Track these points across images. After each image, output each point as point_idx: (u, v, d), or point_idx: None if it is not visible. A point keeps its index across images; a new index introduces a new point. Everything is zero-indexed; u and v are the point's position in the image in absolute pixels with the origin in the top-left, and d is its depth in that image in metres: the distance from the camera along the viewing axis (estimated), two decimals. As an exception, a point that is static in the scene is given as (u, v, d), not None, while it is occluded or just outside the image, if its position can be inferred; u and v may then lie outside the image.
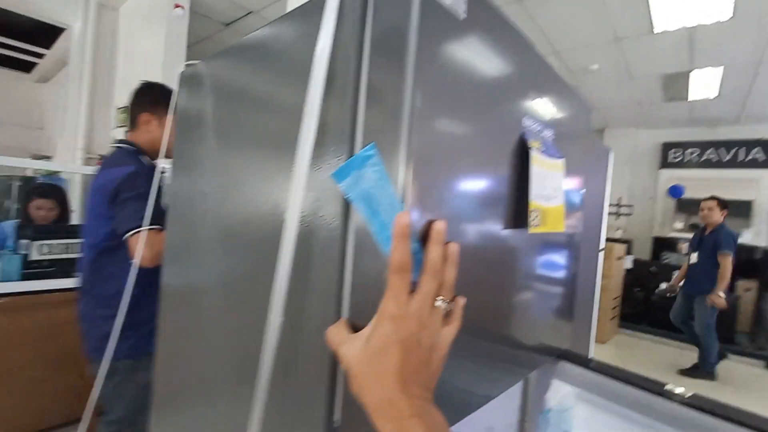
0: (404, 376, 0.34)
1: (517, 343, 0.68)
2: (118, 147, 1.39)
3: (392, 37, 0.43)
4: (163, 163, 1.18)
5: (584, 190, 0.89)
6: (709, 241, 3.56)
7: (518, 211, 0.61)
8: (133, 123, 1.40)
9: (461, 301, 0.39)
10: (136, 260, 1.08)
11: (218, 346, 0.67)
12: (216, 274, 0.70)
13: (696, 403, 0.63)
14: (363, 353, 0.35)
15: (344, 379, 0.46)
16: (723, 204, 3.59)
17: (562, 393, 0.85)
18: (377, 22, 0.45)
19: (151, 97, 1.39)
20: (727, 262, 3.40)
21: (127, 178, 1.21)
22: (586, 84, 4.87)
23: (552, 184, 0.62)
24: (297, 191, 0.45)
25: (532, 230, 0.59)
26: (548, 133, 0.67)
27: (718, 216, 3.57)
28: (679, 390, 0.67)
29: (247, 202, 0.62)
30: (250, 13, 4.01)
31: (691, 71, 4.31)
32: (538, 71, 0.66)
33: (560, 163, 0.66)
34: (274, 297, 0.46)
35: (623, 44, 3.84)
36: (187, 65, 0.80)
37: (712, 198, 3.65)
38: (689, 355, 3.97)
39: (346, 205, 0.45)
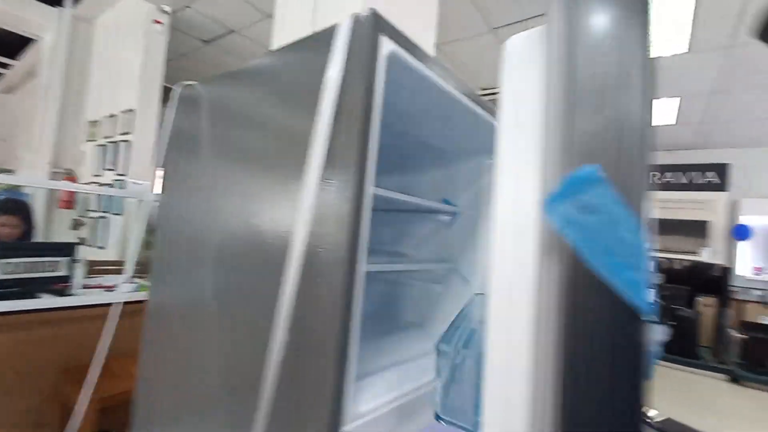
0: None
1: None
2: None
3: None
4: None
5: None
6: None
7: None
8: None
9: None
10: None
11: (212, 363, 0.67)
12: (211, 292, 0.70)
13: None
14: None
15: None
16: None
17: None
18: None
19: None
20: None
21: None
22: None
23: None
24: (305, 212, 0.47)
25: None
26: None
27: None
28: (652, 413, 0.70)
29: (247, 221, 0.63)
30: (233, 32, 4.03)
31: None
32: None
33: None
34: (280, 315, 0.47)
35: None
36: (185, 86, 0.81)
37: None
38: (694, 379, 4.09)
39: (353, 227, 0.47)
